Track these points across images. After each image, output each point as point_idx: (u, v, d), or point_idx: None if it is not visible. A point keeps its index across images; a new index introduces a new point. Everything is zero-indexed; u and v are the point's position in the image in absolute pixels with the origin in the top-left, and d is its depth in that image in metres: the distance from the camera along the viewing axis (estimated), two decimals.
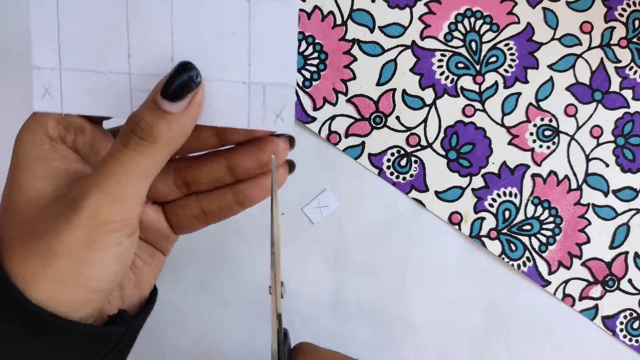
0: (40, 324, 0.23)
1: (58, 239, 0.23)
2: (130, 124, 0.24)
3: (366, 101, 0.41)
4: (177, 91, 0.24)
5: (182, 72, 0.24)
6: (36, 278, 0.23)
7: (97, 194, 0.23)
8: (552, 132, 0.41)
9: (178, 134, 0.24)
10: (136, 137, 0.24)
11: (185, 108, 0.24)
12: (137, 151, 0.24)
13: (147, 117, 0.24)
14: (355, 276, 0.41)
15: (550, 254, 0.41)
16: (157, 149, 0.24)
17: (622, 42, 0.41)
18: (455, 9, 0.41)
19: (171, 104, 0.24)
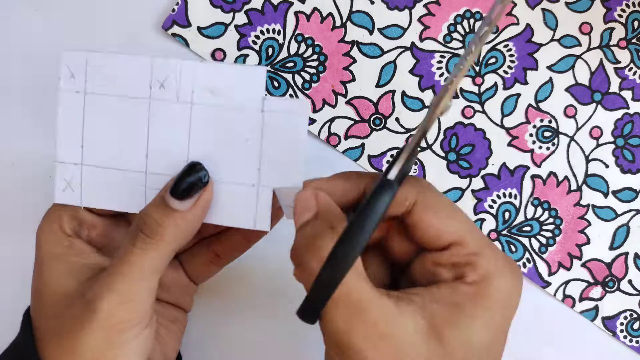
0: None
1: (79, 340, 0.25)
2: (138, 222, 0.26)
3: (366, 103, 0.41)
4: (186, 190, 0.25)
5: (191, 172, 0.26)
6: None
7: (110, 295, 0.25)
8: (551, 133, 0.41)
9: (184, 231, 0.26)
10: (143, 234, 0.25)
11: (192, 206, 0.25)
12: (144, 249, 0.25)
13: (155, 214, 0.25)
14: None
15: (550, 255, 0.41)
16: (163, 246, 0.25)
17: (621, 42, 0.41)
18: (454, 11, 0.41)
19: (179, 202, 0.25)
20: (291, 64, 0.40)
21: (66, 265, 0.27)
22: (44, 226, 0.28)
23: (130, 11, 0.41)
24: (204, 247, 0.30)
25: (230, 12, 0.40)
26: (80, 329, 0.25)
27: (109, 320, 0.24)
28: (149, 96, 0.27)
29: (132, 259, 0.25)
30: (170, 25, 0.40)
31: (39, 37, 0.41)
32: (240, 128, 0.26)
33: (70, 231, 0.28)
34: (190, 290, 0.31)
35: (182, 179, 0.26)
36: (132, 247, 0.25)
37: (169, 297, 0.30)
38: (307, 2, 0.40)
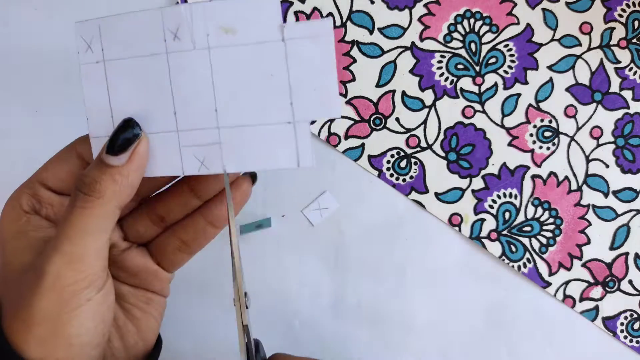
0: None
1: (31, 306, 0.25)
2: (77, 182, 0.26)
3: (366, 103, 0.41)
4: (120, 146, 0.25)
5: (125, 128, 0.26)
6: (25, 341, 0.25)
7: (55, 257, 0.25)
8: (552, 133, 0.41)
9: (123, 186, 0.25)
10: (81, 193, 0.25)
11: (128, 160, 0.25)
12: (84, 208, 0.25)
13: (92, 172, 0.25)
14: (355, 278, 0.41)
15: (551, 255, 0.41)
16: (103, 202, 0.25)
17: (621, 42, 0.41)
18: (454, 10, 0.41)
19: (114, 158, 0.25)
20: None
21: (24, 240, 0.27)
22: (5, 206, 0.28)
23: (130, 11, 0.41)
24: (170, 235, 0.30)
25: None
26: (31, 295, 0.25)
27: (57, 282, 0.24)
28: (166, 50, 0.26)
29: (73, 218, 0.25)
30: None
31: (39, 37, 0.41)
32: (263, 64, 0.25)
33: (28, 208, 0.28)
34: (162, 277, 0.31)
35: (115, 135, 0.26)
36: (73, 207, 0.25)
37: (138, 282, 0.30)
38: (307, 2, 0.40)
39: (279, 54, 0.24)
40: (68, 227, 0.25)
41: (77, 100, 0.41)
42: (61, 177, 0.28)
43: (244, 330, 0.27)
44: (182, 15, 0.25)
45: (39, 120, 0.41)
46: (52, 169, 0.29)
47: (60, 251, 0.25)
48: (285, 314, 0.41)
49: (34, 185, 0.28)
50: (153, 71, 0.26)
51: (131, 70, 0.26)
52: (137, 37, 0.26)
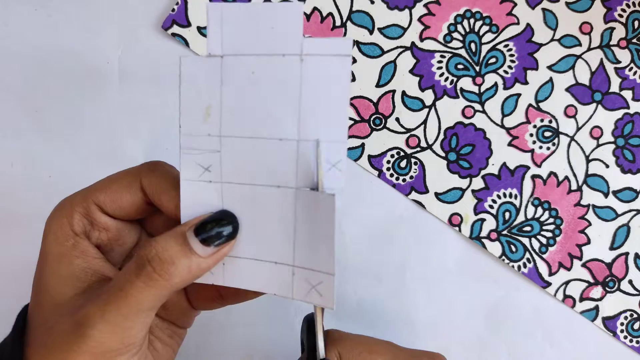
0: None
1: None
2: (148, 253, 0.23)
3: (366, 103, 0.41)
4: (213, 237, 0.24)
5: (223, 220, 0.24)
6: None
7: (100, 325, 0.23)
8: (552, 133, 0.41)
9: (194, 276, 0.24)
10: (151, 268, 0.23)
11: (211, 255, 0.24)
12: (147, 285, 0.23)
13: (171, 250, 0.23)
14: (355, 277, 0.41)
15: (551, 255, 0.41)
16: (168, 286, 0.23)
17: (621, 42, 0.41)
18: (454, 10, 0.41)
19: (202, 248, 0.23)
20: None
21: (67, 267, 0.25)
22: (53, 220, 0.26)
23: (130, 11, 0.41)
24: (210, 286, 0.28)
25: None
26: (67, 349, 0.23)
27: (97, 347, 0.23)
28: None
29: (132, 292, 0.23)
30: (170, 25, 0.40)
31: (39, 37, 0.41)
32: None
33: (79, 230, 0.26)
34: (190, 314, 0.30)
35: (212, 223, 0.24)
36: (136, 280, 0.23)
37: (167, 315, 0.29)
38: (307, 2, 0.40)
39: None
40: (123, 300, 0.23)
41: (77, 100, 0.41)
42: (121, 205, 0.26)
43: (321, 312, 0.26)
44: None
45: (39, 120, 0.41)
46: (111, 193, 0.26)
47: (108, 321, 0.23)
48: (285, 314, 0.41)
49: (89, 206, 0.26)
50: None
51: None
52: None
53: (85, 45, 0.41)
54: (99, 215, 0.26)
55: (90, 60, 0.41)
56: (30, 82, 0.41)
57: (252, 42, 0.23)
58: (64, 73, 0.41)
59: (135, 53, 0.41)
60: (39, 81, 0.41)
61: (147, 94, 0.41)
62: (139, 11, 0.41)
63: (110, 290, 0.24)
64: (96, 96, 0.41)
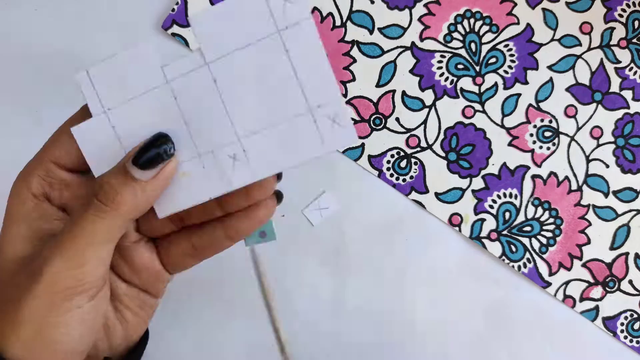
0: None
1: (20, 306, 0.24)
2: (95, 188, 0.24)
3: (366, 103, 0.41)
4: (149, 160, 0.24)
5: (156, 142, 0.25)
6: (9, 340, 0.24)
7: (56, 260, 0.24)
8: (552, 133, 0.41)
9: (141, 202, 0.25)
10: (98, 201, 0.24)
11: (153, 177, 0.24)
12: (97, 216, 0.24)
13: (113, 181, 0.24)
14: (355, 278, 0.41)
15: (551, 255, 0.41)
16: (117, 214, 0.24)
17: (621, 42, 0.41)
18: (454, 10, 0.41)
19: (140, 172, 0.24)
20: None
21: (26, 228, 0.26)
22: (14, 185, 0.27)
23: (130, 11, 0.41)
24: (183, 237, 0.29)
25: None
26: (23, 295, 0.24)
27: (53, 285, 0.24)
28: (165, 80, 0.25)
29: (84, 224, 0.24)
30: (170, 25, 0.40)
31: (39, 37, 0.41)
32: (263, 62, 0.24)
33: (37, 191, 0.26)
34: (162, 278, 0.30)
35: (146, 148, 0.24)
36: (85, 213, 0.24)
37: (139, 281, 0.29)
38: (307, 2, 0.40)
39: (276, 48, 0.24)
40: (76, 232, 0.24)
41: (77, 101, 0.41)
42: (77, 155, 0.26)
43: None
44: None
45: (39, 120, 0.41)
46: (64, 144, 0.26)
47: (63, 255, 0.24)
48: (285, 314, 0.41)
49: (47, 165, 0.26)
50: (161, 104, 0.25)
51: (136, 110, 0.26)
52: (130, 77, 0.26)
53: (85, 45, 0.41)
54: (57, 171, 0.27)
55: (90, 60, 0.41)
56: (30, 82, 0.41)
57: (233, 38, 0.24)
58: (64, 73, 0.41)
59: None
60: (39, 81, 0.41)
61: None
62: (139, 11, 0.41)
63: (64, 230, 0.24)
64: None
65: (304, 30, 0.24)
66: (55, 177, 0.27)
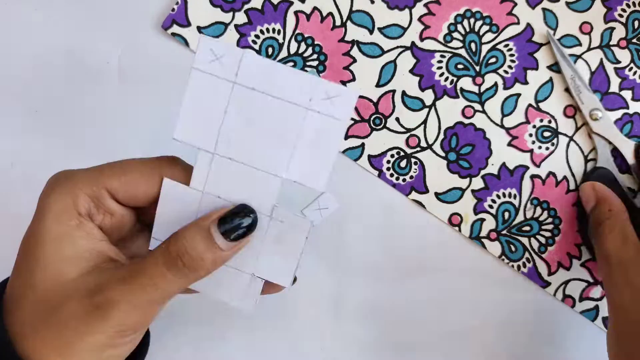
0: None
1: (82, 340, 0.24)
2: (179, 249, 0.24)
3: (366, 102, 0.41)
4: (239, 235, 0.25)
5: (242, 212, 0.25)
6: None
7: (125, 306, 0.24)
8: (551, 133, 0.41)
9: (217, 268, 0.25)
10: (182, 263, 0.24)
11: (232, 247, 0.25)
12: (177, 278, 0.24)
13: (200, 248, 0.24)
14: (355, 278, 0.41)
15: (550, 254, 0.41)
16: (195, 279, 0.25)
17: (621, 42, 0.41)
18: (454, 10, 0.41)
19: (226, 243, 0.25)
20: (291, 64, 0.40)
21: (70, 247, 0.25)
22: (53, 197, 0.25)
23: (130, 10, 0.41)
24: None
25: (230, 12, 0.40)
26: (84, 330, 0.24)
27: (116, 327, 0.24)
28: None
29: (162, 284, 0.24)
30: (170, 25, 0.40)
31: (39, 37, 0.41)
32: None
33: (83, 211, 0.25)
34: None
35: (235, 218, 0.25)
36: (167, 272, 0.24)
37: None
38: (307, 2, 0.40)
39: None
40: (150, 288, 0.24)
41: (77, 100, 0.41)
42: (136, 195, 0.26)
43: None
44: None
45: (38, 120, 0.41)
46: (127, 182, 0.26)
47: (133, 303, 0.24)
48: (285, 314, 0.41)
49: (99, 191, 0.26)
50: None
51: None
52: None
53: (85, 45, 0.41)
54: (108, 201, 0.26)
55: (90, 60, 0.41)
56: (30, 82, 0.41)
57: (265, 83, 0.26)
58: (64, 73, 0.41)
59: (135, 53, 0.41)
60: (39, 81, 0.41)
61: (147, 94, 0.41)
62: (139, 11, 0.41)
63: (136, 276, 0.24)
64: (96, 96, 0.41)
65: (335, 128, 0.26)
66: (104, 204, 0.26)
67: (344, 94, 0.26)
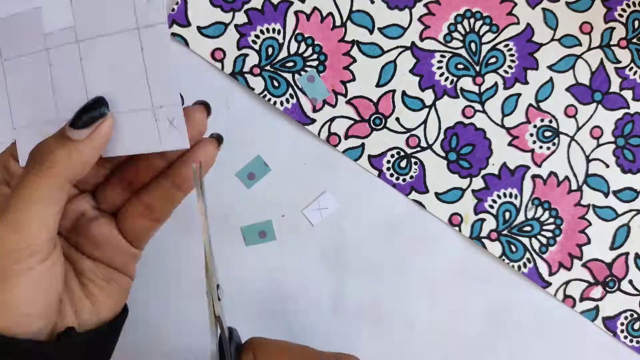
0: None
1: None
2: (33, 150, 0.26)
3: (366, 102, 0.41)
4: (84, 122, 0.26)
5: (91, 105, 0.26)
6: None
7: (2, 224, 0.25)
8: (552, 133, 0.41)
9: (77, 161, 0.26)
10: (34, 161, 0.25)
11: (88, 137, 0.26)
12: (35, 175, 0.25)
13: (49, 141, 0.26)
14: (355, 278, 0.41)
15: (551, 255, 0.41)
16: (54, 173, 0.25)
17: (622, 42, 0.41)
18: (454, 10, 0.41)
19: (74, 131, 0.26)
20: (291, 64, 0.40)
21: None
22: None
23: None
24: (135, 200, 0.30)
25: (230, 12, 0.40)
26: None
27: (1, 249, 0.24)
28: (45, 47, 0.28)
29: (24, 184, 0.25)
30: (170, 25, 0.40)
31: None
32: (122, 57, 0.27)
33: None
34: (128, 253, 0.30)
35: (82, 111, 0.26)
36: (26, 173, 0.25)
37: (102, 256, 0.30)
38: (307, 2, 0.40)
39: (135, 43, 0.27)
40: (16, 195, 0.25)
41: None
42: None
43: (215, 320, 0.27)
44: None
45: None
46: None
47: (6, 218, 0.25)
48: (285, 314, 0.41)
49: (6, 157, 0.29)
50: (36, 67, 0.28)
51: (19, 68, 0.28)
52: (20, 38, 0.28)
53: None
54: (13, 164, 0.29)
55: None
56: None
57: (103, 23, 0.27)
58: None
59: None
60: None
61: None
62: None
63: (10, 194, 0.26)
64: None
65: (158, 34, 0.26)
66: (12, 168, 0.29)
67: None
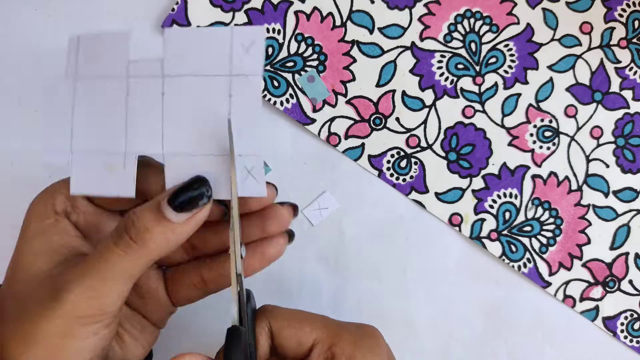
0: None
1: (37, 326, 0.24)
2: (126, 222, 0.24)
3: (366, 102, 0.41)
4: (185, 203, 0.24)
5: (194, 185, 0.25)
6: (20, 355, 0.24)
7: (79, 289, 0.24)
8: (552, 133, 0.41)
9: (170, 243, 0.25)
10: (128, 236, 0.24)
11: (186, 221, 0.24)
12: (125, 253, 0.24)
13: (145, 218, 0.24)
14: (355, 278, 0.41)
15: (551, 255, 0.41)
16: (145, 253, 0.24)
17: (622, 42, 0.41)
18: (454, 10, 0.41)
19: (174, 214, 0.24)
20: (291, 64, 0.40)
21: (45, 243, 0.26)
22: (36, 200, 0.27)
23: (130, 10, 0.41)
24: (193, 268, 0.29)
25: (230, 12, 0.40)
26: (41, 314, 0.24)
27: (72, 312, 0.24)
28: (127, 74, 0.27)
29: (111, 258, 0.24)
30: (170, 25, 0.40)
31: (39, 37, 0.41)
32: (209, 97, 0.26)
33: (60, 209, 0.27)
34: (165, 308, 0.30)
35: (183, 190, 0.25)
36: (114, 247, 0.24)
37: (141, 307, 0.29)
38: (307, 2, 0.40)
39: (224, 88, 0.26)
40: (102, 264, 0.24)
41: None
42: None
43: (237, 279, 0.26)
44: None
45: (38, 120, 0.41)
46: None
47: (85, 285, 0.24)
48: None
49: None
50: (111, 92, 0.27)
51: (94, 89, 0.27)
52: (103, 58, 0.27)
53: None
54: (81, 201, 0.27)
55: None
56: (30, 82, 0.41)
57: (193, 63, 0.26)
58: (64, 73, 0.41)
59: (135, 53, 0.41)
60: (39, 81, 0.41)
61: None
62: (138, 10, 0.41)
63: (90, 258, 0.25)
64: None
65: (251, 84, 0.26)
66: (77, 202, 0.27)
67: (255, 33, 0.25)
